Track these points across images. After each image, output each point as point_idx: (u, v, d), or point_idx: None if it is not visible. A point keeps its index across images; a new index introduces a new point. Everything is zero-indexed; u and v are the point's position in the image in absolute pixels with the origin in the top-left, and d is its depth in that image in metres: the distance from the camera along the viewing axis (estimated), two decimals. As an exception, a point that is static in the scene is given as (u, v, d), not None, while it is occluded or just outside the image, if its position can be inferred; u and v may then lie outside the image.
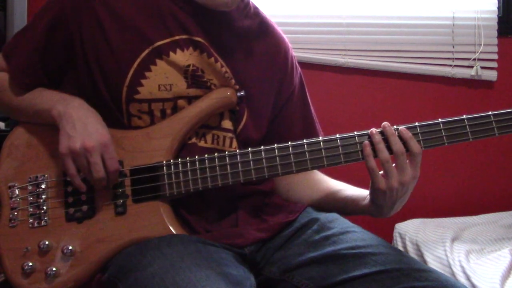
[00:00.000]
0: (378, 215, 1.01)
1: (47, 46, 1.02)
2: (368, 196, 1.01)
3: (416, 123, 0.96)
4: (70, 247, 0.94)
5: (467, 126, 0.95)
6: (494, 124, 0.95)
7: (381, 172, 0.95)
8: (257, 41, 1.11)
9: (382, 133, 0.95)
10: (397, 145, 0.94)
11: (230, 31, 1.07)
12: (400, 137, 0.94)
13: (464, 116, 0.96)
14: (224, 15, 1.06)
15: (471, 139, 0.96)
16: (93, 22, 0.99)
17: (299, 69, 1.20)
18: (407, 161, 0.94)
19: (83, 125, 0.94)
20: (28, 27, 1.07)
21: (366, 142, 0.95)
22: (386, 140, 0.95)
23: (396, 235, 1.88)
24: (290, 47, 1.18)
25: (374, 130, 0.96)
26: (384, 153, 0.94)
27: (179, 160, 0.98)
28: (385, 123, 0.96)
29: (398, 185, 0.93)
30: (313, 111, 1.21)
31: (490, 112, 0.96)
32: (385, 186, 0.94)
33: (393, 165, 0.94)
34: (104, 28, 0.99)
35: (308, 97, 1.21)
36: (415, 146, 0.94)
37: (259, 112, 1.10)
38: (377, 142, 0.94)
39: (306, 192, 1.15)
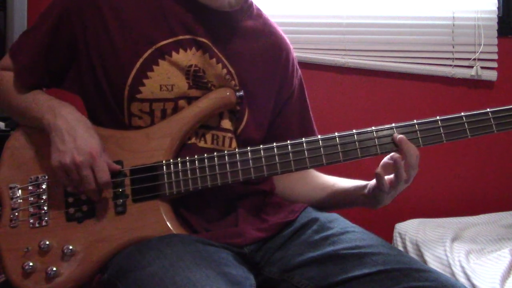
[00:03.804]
0: (375, 207, 1.03)
1: (51, 45, 1.03)
2: (366, 190, 1.02)
3: (415, 121, 0.96)
4: (71, 247, 0.95)
5: (465, 123, 0.95)
6: (492, 121, 0.95)
7: (388, 177, 0.96)
8: (259, 42, 1.11)
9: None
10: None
11: (233, 32, 1.07)
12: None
13: (462, 113, 0.96)
14: (228, 15, 1.06)
15: (469, 136, 0.95)
16: (97, 21, 0.99)
17: (299, 71, 1.21)
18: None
19: (72, 138, 0.94)
20: (34, 27, 1.08)
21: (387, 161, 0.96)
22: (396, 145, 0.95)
23: (396, 235, 1.87)
24: (292, 49, 1.19)
25: (395, 154, 0.94)
26: (403, 175, 0.93)
27: (179, 159, 0.98)
28: (402, 136, 0.94)
29: (402, 186, 0.96)
30: (311, 113, 1.21)
31: (488, 109, 0.96)
32: (390, 189, 0.96)
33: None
34: (108, 28, 0.99)
35: (307, 99, 1.21)
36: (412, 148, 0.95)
37: (260, 112, 1.10)
38: (400, 166, 0.93)
39: (302, 189, 1.15)
